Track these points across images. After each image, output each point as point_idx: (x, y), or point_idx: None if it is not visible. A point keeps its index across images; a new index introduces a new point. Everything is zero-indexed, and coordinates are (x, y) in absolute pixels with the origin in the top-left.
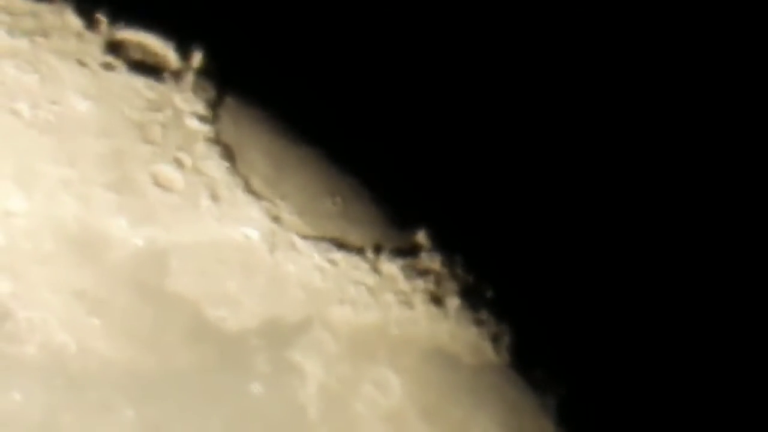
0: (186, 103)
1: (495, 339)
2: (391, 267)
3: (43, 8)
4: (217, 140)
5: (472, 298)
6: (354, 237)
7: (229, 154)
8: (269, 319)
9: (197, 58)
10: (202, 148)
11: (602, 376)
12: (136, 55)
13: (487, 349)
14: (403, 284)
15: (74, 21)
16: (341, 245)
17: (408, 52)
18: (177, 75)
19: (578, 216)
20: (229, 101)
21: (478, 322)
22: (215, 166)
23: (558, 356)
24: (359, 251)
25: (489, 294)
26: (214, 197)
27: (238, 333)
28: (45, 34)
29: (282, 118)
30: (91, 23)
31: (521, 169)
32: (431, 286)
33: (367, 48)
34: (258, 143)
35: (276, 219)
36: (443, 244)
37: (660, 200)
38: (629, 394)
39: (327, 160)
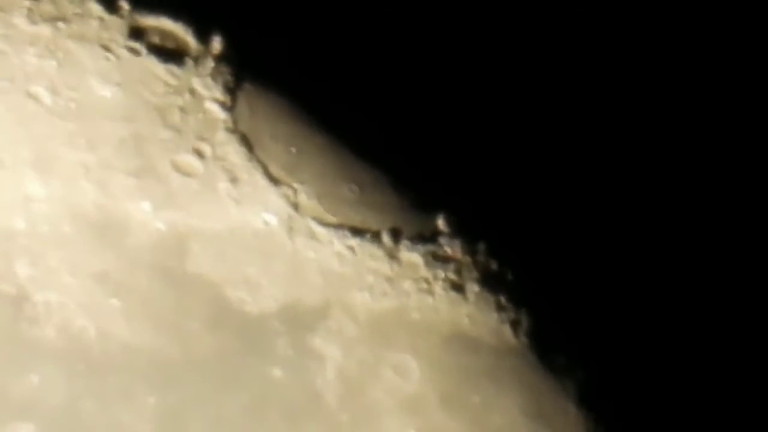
0: (205, 89)
1: (514, 324)
2: (410, 253)
3: None
4: (235, 126)
5: (491, 283)
6: (373, 223)
7: (247, 140)
8: (289, 304)
9: (217, 44)
10: (221, 134)
11: (622, 359)
12: (157, 41)
13: (507, 333)
14: (423, 270)
15: (95, 7)
16: (360, 231)
17: (427, 38)
18: (197, 60)
19: (598, 201)
20: (248, 87)
21: (498, 307)
22: (234, 152)
23: (577, 340)
24: (378, 237)
25: (509, 279)
26: (234, 183)
27: (258, 317)
28: (66, 20)
29: (300, 104)
30: (112, 9)
31: (541, 154)
32: (451, 272)
33: (386, 34)
34: (276, 129)
35: (294, 205)
36: (462, 229)
37: (685, 181)
38: (648, 378)
39: (345, 146)
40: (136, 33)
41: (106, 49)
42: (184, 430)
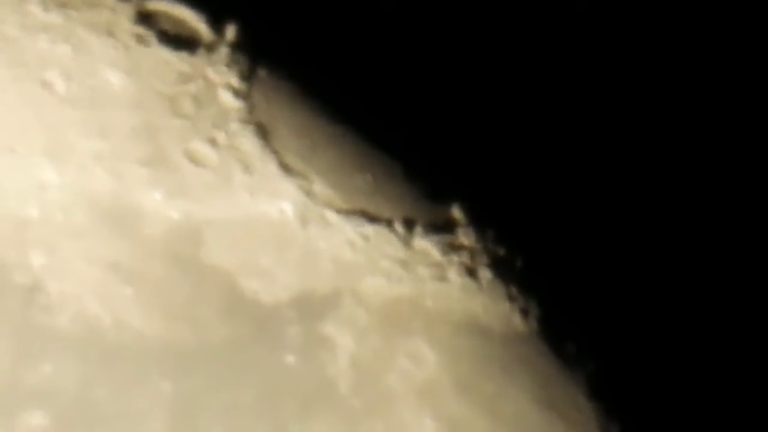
0: (219, 78)
1: (526, 312)
2: (424, 242)
3: None
4: (249, 115)
5: (503, 271)
6: (386, 212)
7: (261, 129)
8: (302, 293)
9: (231, 32)
10: (235, 123)
11: (633, 348)
12: (169, 28)
13: (518, 321)
14: (437, 258)
15: None
16: (373, 220)
17: (442, 28)
18: (210, 49)
19: (612, 189)
20: (263, 76)
21: (511, 296)
22: (248, 142)
23: (588, 329)
24: (391, 226)
25: (521, 267)
26: (248, 172)
27: (271, 306)
28: (77, 7)
29: (315, 94)
30: None
31: (553, 144)
32: (464, 260)
33: (402, 25)
34: (291, 118)
35: (309, 194)
36: (476, 218)
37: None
38: (660, 367)
39: (359, 135)
40: (148, 20)
41: (117, 37)
42: (197, 417)
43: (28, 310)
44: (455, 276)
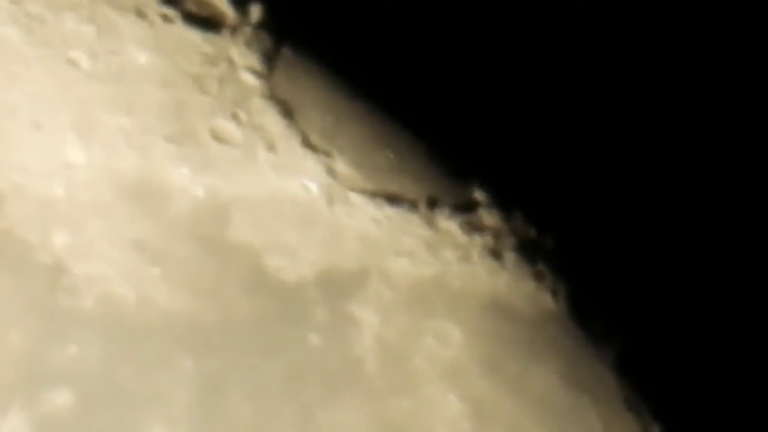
0: (243, 57)
1: (553, 292)
2: (447, 221)
3: None
4: (273, 94)
5: (529, 251)
6: (410, 190)
7: (285, 108)
8: (327, 271)
9: (255, 12)
10: (259, 101)
11: (660, 326)
12: (193, 8)
13: (545, 301)
14: (461, 238)
15: None
16: (397, 199)
17: (466, 6)
18: (234, 29)
19: (638, 166)
20: (286, 55)
21: (536, 275)
22: (272, 120)
23: (616, 308)
24: (415, 205)
25: (547, 247)
26: (272, 150)
27: (296, 284)
28: None
29: (338, 72)
30: None
31: (579, 120)
32: (489, 240)
33: (423, 3)
34: (314, 97)
35: (333, 172)
36: (500, 198)
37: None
38: (688, 346)
39: (383, 114)
40: (173, 0)
41: (142, 16)
42: (222, 396)
43: (53, 290)
44: (479, 256)
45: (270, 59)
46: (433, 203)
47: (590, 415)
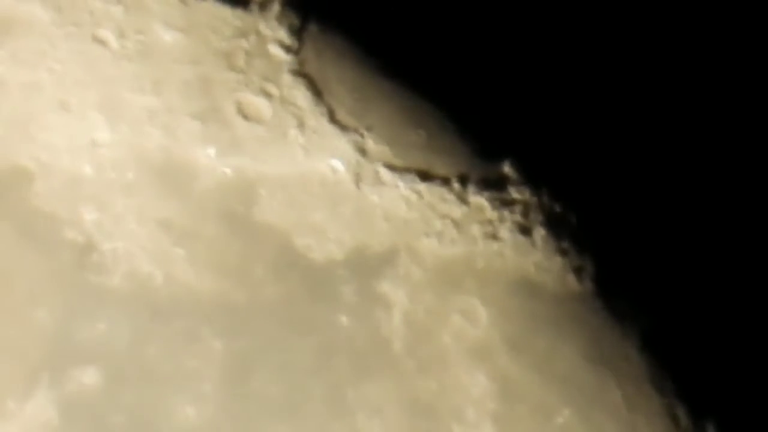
0: (271, 32)
1: (579, 269)
2: (477, 198)
3: None
4: (302, 71)
5: (557, 228)
6: (440, 168)
7: (313, 85)
8: (356, 250)
9: None
10: (287, 78)
11: (685, 305)
12: None
13: (571, 279)
14: (490, 215)
15: None
16: (427, 176)
17: None
18: (263, 5)
19: (666, 144)
20: (315, 30)
21: (564, 253)
22: (301, 97)
23: (642, 287)
24: (446, 182)
25: (575, 224)
26: (301, 128)
27: (324, 264)
28: None
29: (367, 49)
30: None
31: (608, 96)
32: (518, 217)
33: None
34: (343, 74)
35: (362, 150)
36: (530, 174)
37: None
38: (714, 324)
39: (412, 90)
40: None
41: None
42: (250, 375)
43: (81, 267)
44: (508, 234)
45: (298, 35)
46: (464, 179)
47: (615, 393)
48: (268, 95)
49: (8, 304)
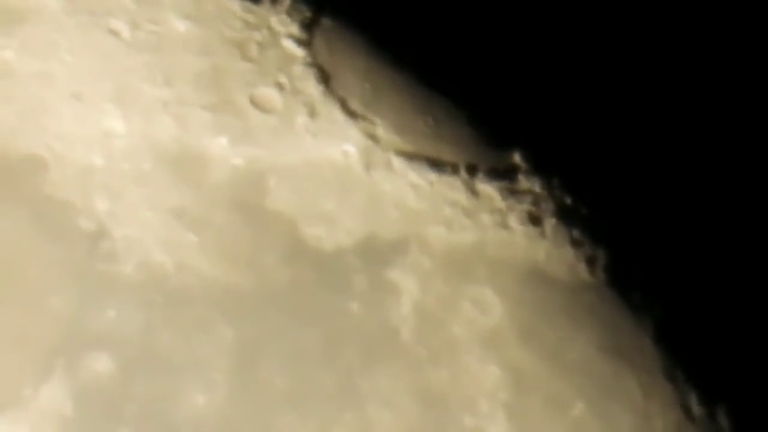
0: (282, 25)
1: (591, 259)
2: (487, 187)
3: None
4: (313, 62)
5: (568, 218)
6: (449, 156)
7: (325, 74)
8: (366, 238)
9: None
10: (298, 68)
11: (699, 295)
12: None
13: (584, 269)
14: (500, 204)
15: None
16: (437, 165)
17: None
18: None
19: (679, 132)
20: (326, 22)
21: (575, 242)
22: (312, 87)
23: (655, 277)
24: (455, 171)
25: (586, 214)
26: (312, 117)
27: (335, 252)
28: None
29: (377, 39)
30: None
31: (619, 89)
32: (528, 207)
33: None
34: (353, 64)
35: (372, 139)
36: (540, 164)
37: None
38: (728, 314)
39: (422, 80)
40: None
41: None
42: (260, 364)
43: (93, 255)
44: (518, 223)
45: (309, 27)
46: (473, 168)
47: (629, 383)
48: (279, 86)
49: (22, 291)
